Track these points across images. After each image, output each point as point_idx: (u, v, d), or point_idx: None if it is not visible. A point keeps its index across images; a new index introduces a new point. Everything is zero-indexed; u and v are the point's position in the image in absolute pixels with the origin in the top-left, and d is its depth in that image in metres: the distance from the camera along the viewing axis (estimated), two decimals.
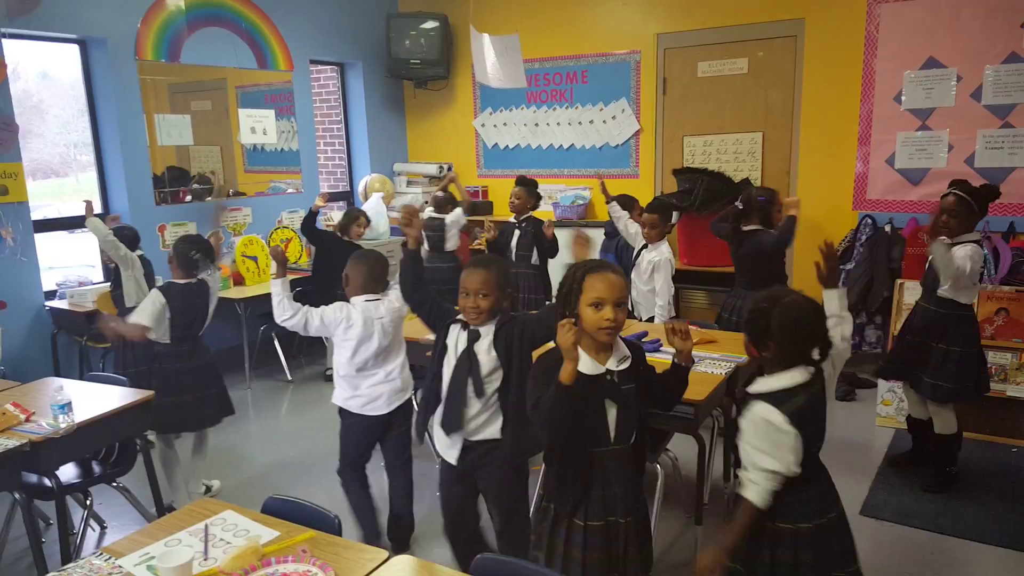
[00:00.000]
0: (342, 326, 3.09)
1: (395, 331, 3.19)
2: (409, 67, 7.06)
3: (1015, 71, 4.86)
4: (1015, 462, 4.05)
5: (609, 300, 2.03)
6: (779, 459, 2.01)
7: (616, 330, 2.06)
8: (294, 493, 2.28)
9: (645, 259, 4.38)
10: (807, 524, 2.06)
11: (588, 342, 2.09)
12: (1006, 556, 3.18)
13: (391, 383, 3.16)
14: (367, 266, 3.17)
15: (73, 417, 2.89)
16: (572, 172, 6.82)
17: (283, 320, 3.13)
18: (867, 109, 5.38)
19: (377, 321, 3.11)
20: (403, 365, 3.23)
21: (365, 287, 3.15)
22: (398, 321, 3.19)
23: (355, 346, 3.09)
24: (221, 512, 2.19)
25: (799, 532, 2.06)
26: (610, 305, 2.03)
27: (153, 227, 5.62)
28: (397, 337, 3.21)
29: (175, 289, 3.67)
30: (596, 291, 2.04)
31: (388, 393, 3.15)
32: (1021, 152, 4.90)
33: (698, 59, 6.05)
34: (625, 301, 2.09)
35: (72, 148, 7.22)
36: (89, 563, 1.94)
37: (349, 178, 7.50)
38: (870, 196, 5.44)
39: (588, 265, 2.11)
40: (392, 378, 3.17)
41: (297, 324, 3.12)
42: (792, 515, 2.07)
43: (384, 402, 3.15)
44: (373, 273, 3.17)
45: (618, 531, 2.12)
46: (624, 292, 2.08)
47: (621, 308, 2.06)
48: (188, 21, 5.68)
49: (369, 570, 1.88)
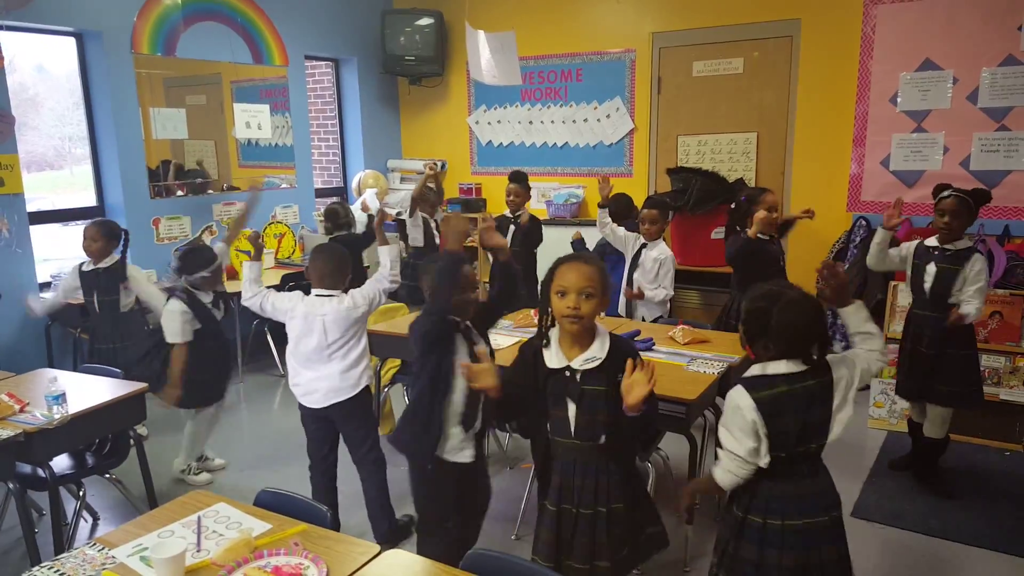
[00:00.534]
0: (287, 316, 3.15)
1: (343, 331, 3.11)
2: (404, 63, 7.06)
3: (1012, 74, 4.86)
4: (1006, 466, 4.07)
5: (573, 289, 2.06)
6: (739, 442, 2.05)
7: (577, 319, 2.07)
8: (287, 487, 2.29)
9: (649, 257, 4.36)
10: (776, 521, 2.05)
11: (564, 334, 2.14)
12: (996, 559, 3.19)
13: (329, 381, 3.13)
14: (322, 261, 3.17)
15: (67, 408, 2.90)
16: (566, 170, 6.83)
17: (246, 299, 3.24)
18: (862, 110, 5.40)
19: (319, 318, 3.08)
20: (351, 367, 3.14)
21: (321, 281, 3.15)
22: (348, 322, 3.11)
23: (296, 338, 3.14)
24: (214, 504, 2.20)
25: (767, 528, 2.06)
26: (574, 294, 2.05)
27: (148, 221, 5.62)
28: (347, 337, 3.13)
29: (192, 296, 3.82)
30: (564, 279, 2.08)
31: (325, 390, 3.14)
32: (1017, 155, 4.91)
33: (693, 58, 6.07)
34: (595, 293, 2.09)
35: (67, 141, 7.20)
36: (82, 553, 1.95)
37: (343, 174, 7.50)
38: (864, 198, 5.46)
39: (566, 256, 2.16)
40: (330, 377, 3.13)
41: (254, 304, 3.24)
42: (762, 509, 2.07)
43: (320, 397, 3.15)
44: (328, 268, 3.15)
45: (570, 519, 2.19)
46: (594, 284, 2.08)
47: (588, 299, 2.07)
48: (184, 15, 5.67)
49: (360, 564, 1.89)
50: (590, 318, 2.10)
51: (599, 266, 2.15)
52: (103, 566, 1.89)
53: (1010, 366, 4.30)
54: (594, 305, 2.09)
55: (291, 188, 6.70)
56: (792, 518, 2.05)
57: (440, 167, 7.38)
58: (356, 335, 3.17)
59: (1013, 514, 3.53)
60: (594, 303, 2.09)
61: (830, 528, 2.09)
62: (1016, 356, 4.30)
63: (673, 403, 2.81)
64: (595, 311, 2.10)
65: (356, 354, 3.17)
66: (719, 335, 3.77)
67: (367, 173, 7.14)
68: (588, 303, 2.07)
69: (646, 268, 4.37)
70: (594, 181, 6.51)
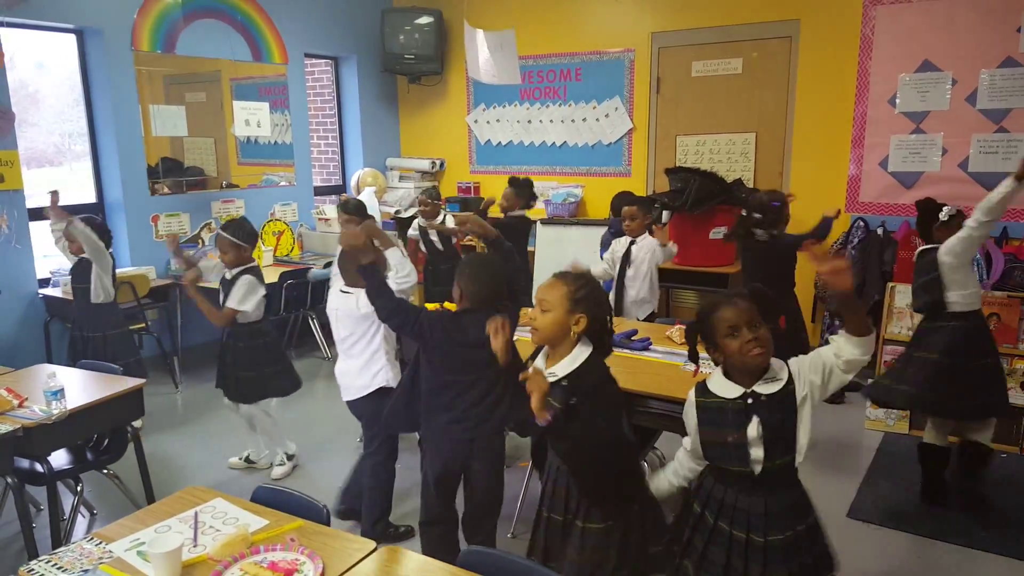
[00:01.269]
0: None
1: (351, 329, 3.15)
2: (403, 62, 7.06)
3: (1011, 75, 4.87)
4: (1002, 468, 4.07)
5: (538, 303, 2.18)
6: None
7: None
8: (285, 483, 2.29)
9: (639, 254, 4.37)
10: (722, 523, 2.04)
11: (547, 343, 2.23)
12: (992, 561, 3.19)
13: (346, 377, 3.23)
14: (340, 258, 3.25)
15: (65, 403, 2.91)
16: (564, 170, 6.83)
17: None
18: (861, 111, 5.40)
19: (334, 311, 3.21)
20: (363, 367, 3.17)
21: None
22: (353, 320, 3.12)
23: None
24: (211, 500, 2.20)
25: (714, 529, 2.06)
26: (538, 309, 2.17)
27: (147, 217, 5.62)
28: (357, 336, 3.16)
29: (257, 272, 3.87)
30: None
31: (345, 385, 3.25)
32: (1015, 157, 4.88)
33: (692, 59, 6.07)
34: (549, 308, 2.17)
35: (67, 138, 7.20)
36: (80, 547, 1.96)
37: (342, 172, 7.50)
38: (863, 199, 5.47)
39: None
40: (349, 373, 3.22)
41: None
42: (704, 502, 2.10)
43: (343, 390, 3.27)
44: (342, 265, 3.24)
45: (549, 526, 2.24)
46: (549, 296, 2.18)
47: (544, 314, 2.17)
48: (184, 13, 5.68)
49: (356, 560, 1.89)
50: (544, 331, 2.17)
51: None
52: (100, 560, 1.90)
53: (1007, 368, 4.30)
54: (547, 319, 2.16)
55: (290, 186, 6.70)
56: (724, 521, 2.06)
57: (440, 166, 7.40)
58: (365, 335, 3.16)
59: (1009, 516, 3.53)
60: (547, 317, 2.16)
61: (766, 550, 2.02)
62: (1013, 358, 4.31)
63: (669, 402, 2.81)
64: (548, 323, 2.16)
65: (368, 354, 3.17)
66: None
67: (366, 171, 7.15)
68: (543, 317, 2.17)
69: (637, 261, 4.35)
70: (593, 180, 6.56)
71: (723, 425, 2.01)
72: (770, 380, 2.00)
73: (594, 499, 2.16)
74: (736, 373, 2.03)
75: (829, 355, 2.01)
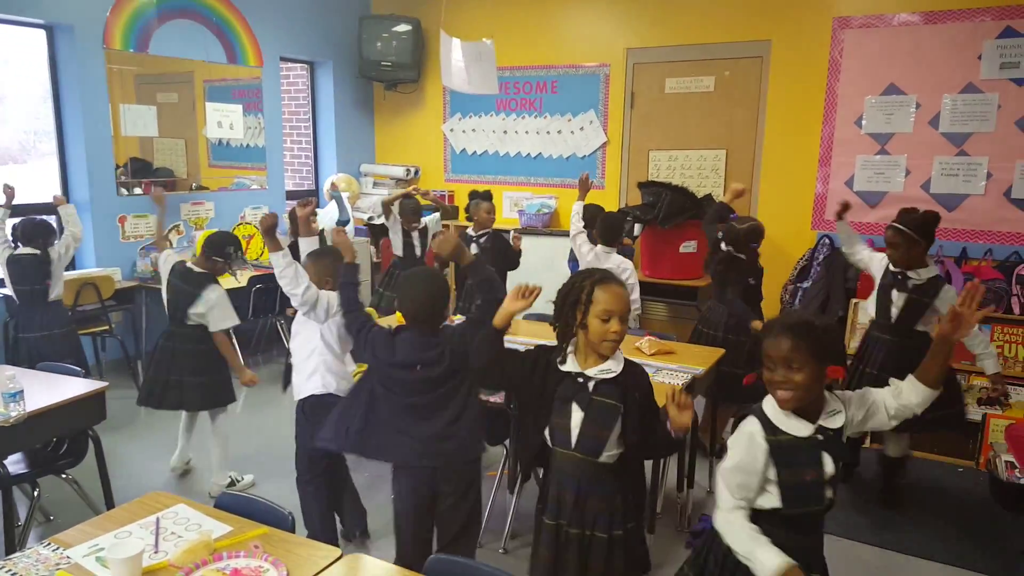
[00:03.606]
0: None
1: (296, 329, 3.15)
2: (380, 69, 7.06)
3: (971, 101, 5.01)
4: (959, 482, 4.16)
5: (617, 313, 2.06)
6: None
7: (619, 342, 2.09)
8: (251, 490, 2.27)
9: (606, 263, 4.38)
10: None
11: (582, 348, 2.13)
12: (948, 572, 3.26)
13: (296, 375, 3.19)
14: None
15: (24, 406, 2.85)
16: (538, 180, 6.87)
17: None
18: (828, 131, 5.51)
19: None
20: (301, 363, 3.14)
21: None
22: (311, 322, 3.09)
23: None
24: (173, 506, 2.18)
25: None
26: (617, 318, 2.06)
27: (114, 218, 5.55)
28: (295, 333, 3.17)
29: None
30: (605, 303, 2.05)
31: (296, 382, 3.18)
32: (975, 180, 5.05)
33: (666, 75, 6.15)
34: (628, 314, 2.12)
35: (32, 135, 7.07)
36: (36, 553, 1.92)
37: (315, 177, 7.47)
38: (828, 216, 5.56)
39: (595, 276, 2.11)
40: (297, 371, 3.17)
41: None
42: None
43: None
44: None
45: (566, 537, 2.15)
46: (628, 305, 2.11)
47: (624, 321, 2.09)
48: (158, 12, 5.62)
49: (321, 567, 1.88)
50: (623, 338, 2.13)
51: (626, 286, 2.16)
52: (57, 566, 1.86)
53: (965, 384, 4.39)
54: (626, 326, 2.12)
55: (262, 189, 6.65)
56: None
57: (414, 173, 7.38)
58: (300, 334, 3.12)
59: (965, 528, 3.62)
60: (627, 324, 2.12)
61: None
62: (971, 375, 4.41)
63: None
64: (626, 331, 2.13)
65: (303, 353, 3.10)
66: (684, 347, 3.82)
67: (339, 176, 7.11)
68: (624, 325, 2.09)
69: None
70: (567, 191, 6.58)
71: (798, 465, 1.89)
72: (832, 414, 1.92)
73: (638, 503, 2.22)
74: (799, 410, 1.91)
75: (883, 395, 1.98)
